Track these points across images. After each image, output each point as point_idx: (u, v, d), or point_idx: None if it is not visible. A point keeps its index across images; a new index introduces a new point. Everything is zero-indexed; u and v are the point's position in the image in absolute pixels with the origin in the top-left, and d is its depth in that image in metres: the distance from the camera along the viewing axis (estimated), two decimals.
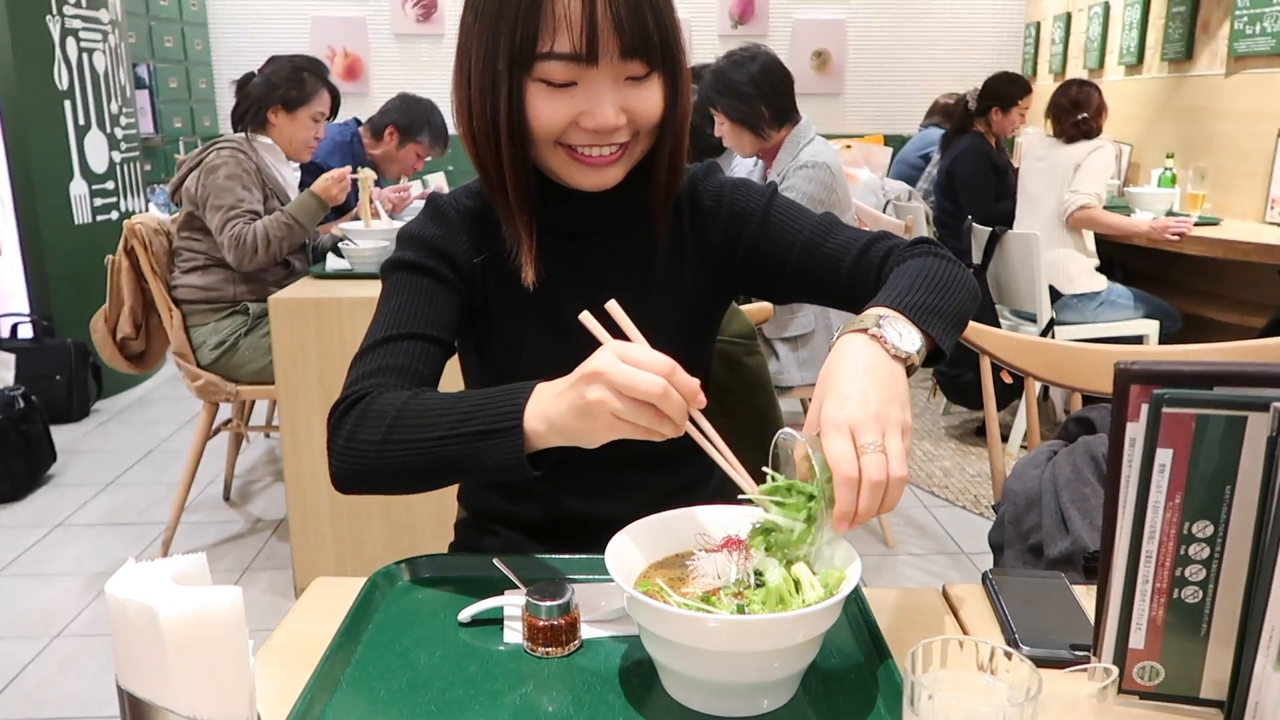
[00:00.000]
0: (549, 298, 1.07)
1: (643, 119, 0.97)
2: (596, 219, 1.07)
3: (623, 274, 1.08)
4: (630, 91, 0.95)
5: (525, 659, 0.83)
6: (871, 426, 0.76)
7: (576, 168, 0.99)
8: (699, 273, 1.11)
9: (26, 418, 3.33)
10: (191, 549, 2.80)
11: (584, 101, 0.94)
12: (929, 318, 0.88)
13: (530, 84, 0.94)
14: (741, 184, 1.12)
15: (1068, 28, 5.99)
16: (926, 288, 0.91)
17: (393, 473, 0.92)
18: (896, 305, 0.88)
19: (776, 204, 1.09)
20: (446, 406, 0.90)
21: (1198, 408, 0.69)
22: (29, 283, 4.13)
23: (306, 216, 2.71)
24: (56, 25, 3.99)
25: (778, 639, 0.71)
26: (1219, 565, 0.72)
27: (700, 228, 1.11)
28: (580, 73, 0.93)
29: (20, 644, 2.37)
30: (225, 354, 2.75)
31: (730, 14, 6.64)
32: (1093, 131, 3.51)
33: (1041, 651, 0.82)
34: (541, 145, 0.98)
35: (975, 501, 3.21)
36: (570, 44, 0.91)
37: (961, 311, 0.94)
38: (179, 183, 2.75)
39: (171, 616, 0.59)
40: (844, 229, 1.07)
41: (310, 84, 2.83)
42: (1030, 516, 1.26)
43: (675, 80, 0.99)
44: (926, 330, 0.87)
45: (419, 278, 1.04)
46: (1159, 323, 3.55)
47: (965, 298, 0.96)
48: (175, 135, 6.01)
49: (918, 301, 0.89)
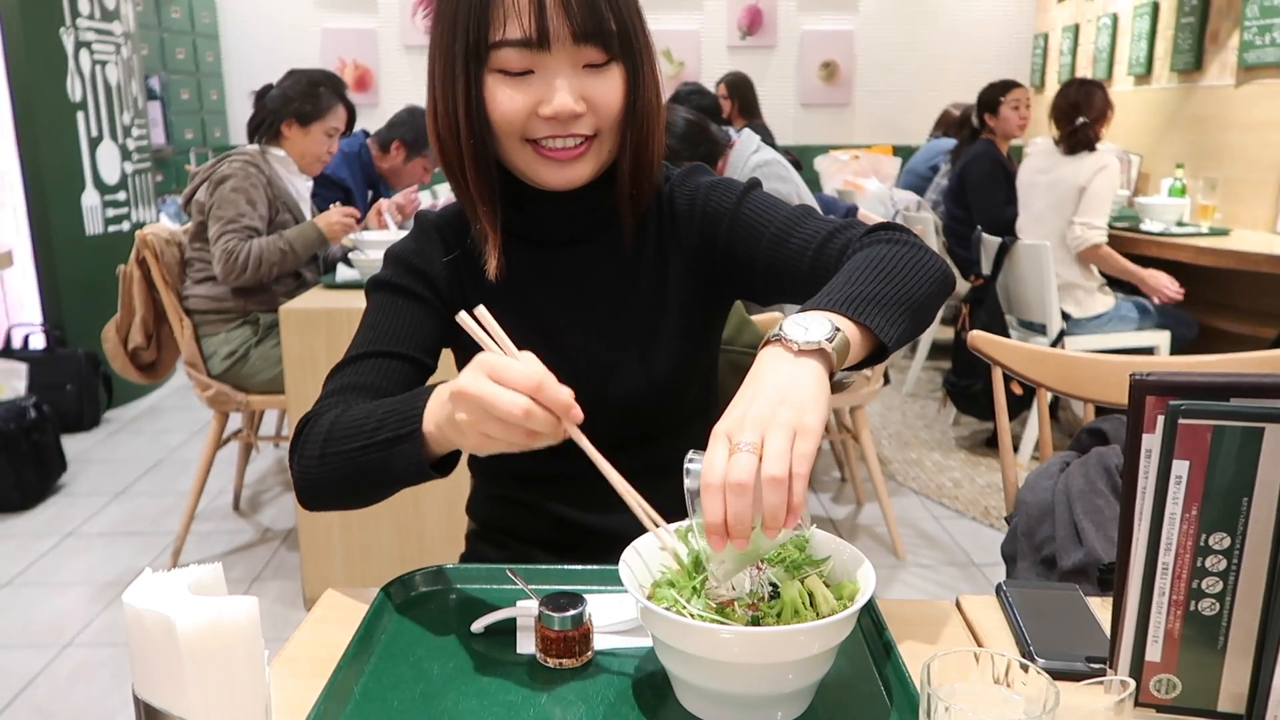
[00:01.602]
0: (532, 309, 1.07)
1: (603, 109, 0.96)
2: (577, 227, 1.07)
3: (605, 283, 1.08)
4: (589, 80, 0.95)
5: (539, 670, 0.83)
6: (747, 428, 0.71)
7: (542, 163, 0.98)
8: (684, 279, 1.09)
9: (38, 427, 3.35)
10: (201, 559, 2.79)
11: (541, 89, 0.94)
12: (865, 307, 0.83)
13: (488, 76, 0.94)
14: (720, 184, 1.09)
15: (1076, 38, 6.00)
16: (867, 278, 0.87)
17: (333, 486, 0.94)
18: (825, 304, 0.84)
19: (748, 200, 1.06)
20: (365, 416, 0.91)
21: (1214, 419, 0.69)
22: (41, 293, 4.16)
23: (303, 246, 2.72)
24: (70, 38, 4.03)
25: (792, 651, 0.71)
26: (1236, 577, 0.72)
27: (679, 233, 1.09)
28: (535, 59, 0.93)
29: (31, 653, 2.38)
30: (236, 364, 2.76)
31: (739, 25, 6.66)
32: (1092, 140, 3.45)
33: (1057, 664, 0.81)
34: (506, 141, 0.98)
35: (986, 513, 3.20)
36: (521, 29, 0.91)
37: (912, 296, 0.88)
38: (191, 193, 2.77)
39: (188, 627, 0.59)
40: (812, 220, 1.02)
41: (325, 99, 2.84)
42: (1043, 528, 1.26)
43: (637, 73, 0.98)
44: (861, 321, 0.83)
45: (395, 297, 1.06)
46: (1170, 333, 3.53)
47: (920, 281, 0.90)
48: (186, 146, 6.05)
49: (854, 293, 0.84)
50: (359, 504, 0.97)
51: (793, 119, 6.76)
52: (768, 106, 4.71)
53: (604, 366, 1.07)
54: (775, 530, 0.70)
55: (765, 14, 6.64)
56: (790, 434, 0.71)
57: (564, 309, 1.08)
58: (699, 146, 2.65)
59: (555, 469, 0.87)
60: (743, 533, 0.69)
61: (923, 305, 0.90)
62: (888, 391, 4.49)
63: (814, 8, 6.69)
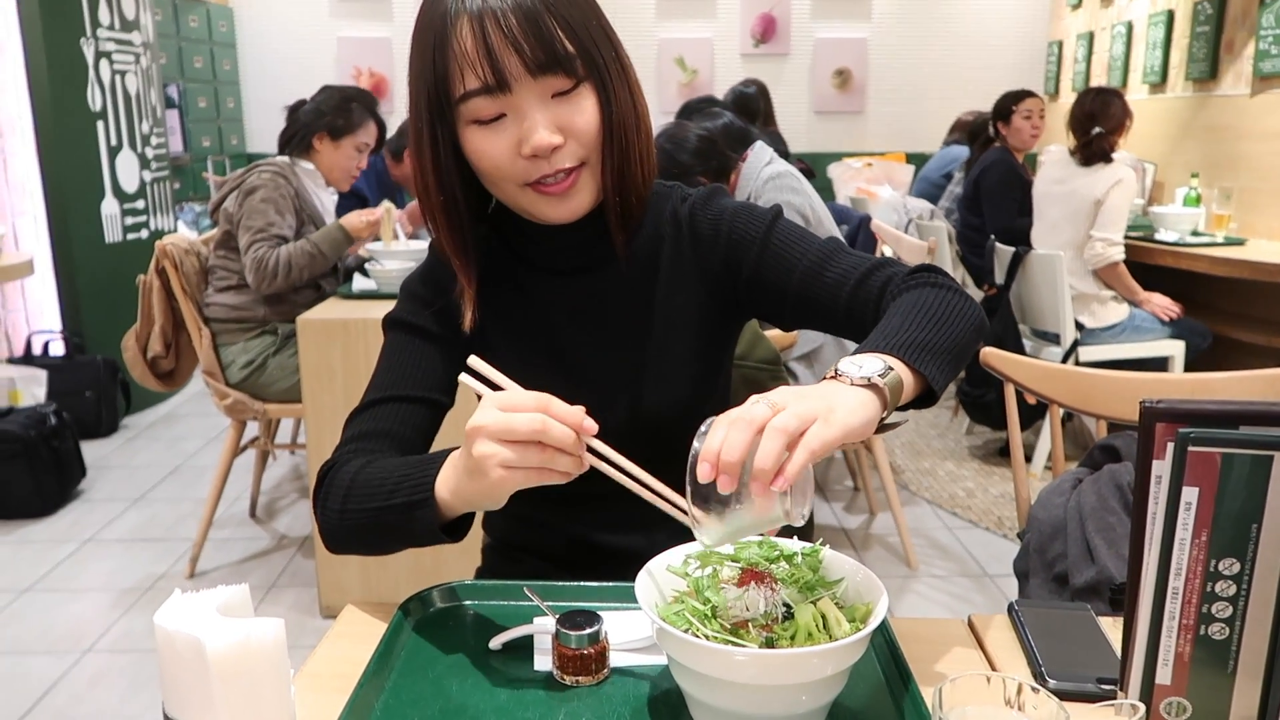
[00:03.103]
0: (552, 338, 1.08)
1: (580, 133, 0.96)
2: (590, 256, 1.07)
3: (622, 308, 1.08)
4: (560, 109, 0.95)
5: (555, 687, 0.84)
6: (775, 396, 0.75)
7: (544, 201, 0.99)
8: (702, 302, 1.10)
9: (58, 434, 3.38)
10: (217, 565, 2.81)
11: (515, 130, 0.94)
12: (918, 354, 0.87)
13: (465, 130, 0.96)
14: (743, 209, 1.10)
15: (1090, 46, 5.99)
16: (919, 324, 0.90)
17: (353, 538, 0.98)
18: (880, 347, 0.87)
19: (778, 229, 1.07)
20: (384, 476, 0.94)
21: (1223, 447, 0.70)
22: (61, 300, 4.21)
23: (330, 247, 2.75)
24: (91, 48, 4.08)
25: (806, 673, 0.72)
26: (1246, 602, 0.72)
27: (701, 256, 1.09)
28: (502, 103, 0.94)
29: (50, 659, 2.41)
30: (254, 373, 2.79)
31: (752, 33, 6.67)
32: (1107, 151, 3.44)
33: (1068, 685, 0.82)
34: (505, 189, 0.99)
35: (999, 523, 3.20)
36: (478, 78, 0.92)
37: (958, 344, 0.92)
38: (219, 201, 2.81)
39: (218, 648, 0.61)
40: (846, 255, 1.05)
41: (358, 114, 2.89)
42: (1055, 545, 1.27)
43: (607, 89, 0.97)
44: (915, 367, 0.86)
45: (410, 337, 1.08)
46: (1185, 343, 3.52)
47: (963, 329, 0.94)
48: (204, 154, 6.10)
49: (908, 339, 0.88)
50: (381, 553, 1.00)
51: (806, 127, 6.76)
52: (780, 114, 4.72)
53: (622, 390, 1.08)
54: (761, 483, 0.71)
55: (779, 22, 6.66)
56: (813, 415, 0.74)
57: (582, 334, 1.09)
58: (711, 161, 2.66)
59: (574, 490, 0.88)
60: (730, 468, 0.72)
61: (965, 352, 0.94)
62: None
63: (827, 15, 6.70)
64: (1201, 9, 4.60)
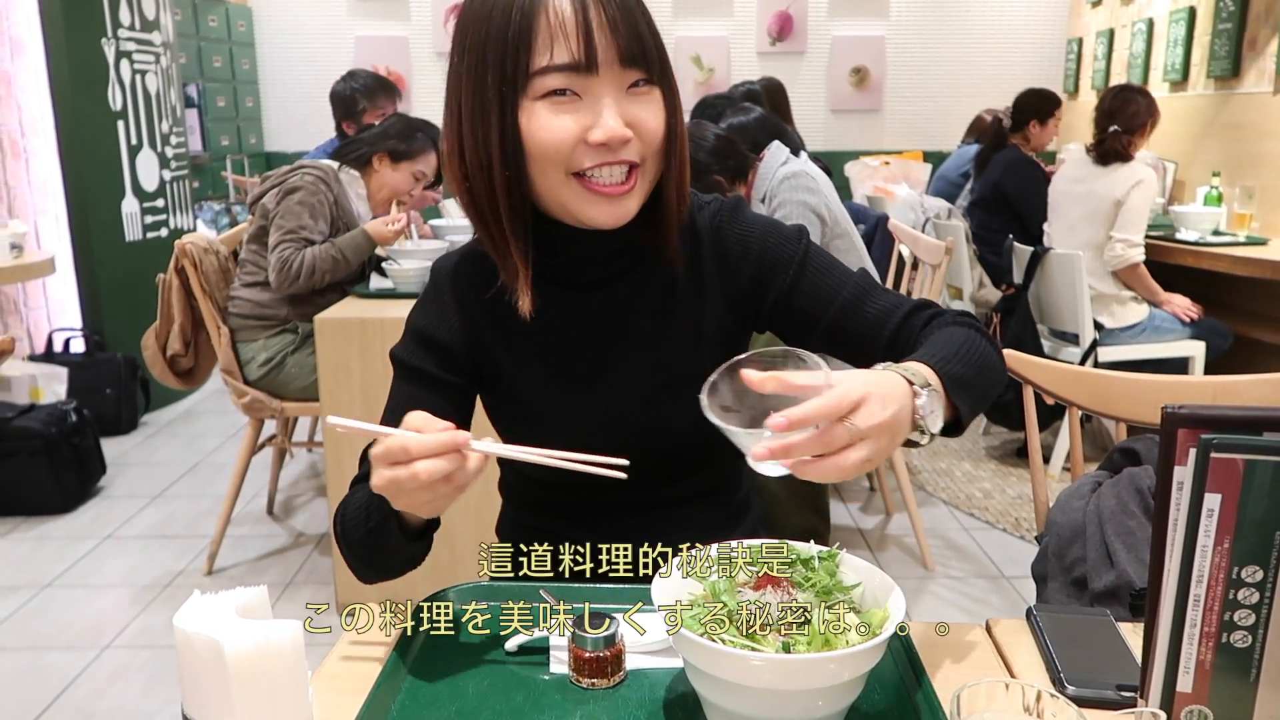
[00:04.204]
0: (561, 352, 1.06)
1: (648, 133, 0.94)
2: (610, 269, 1.05)
3: (638, 325, 1.06)
4: (633, 103, 0.93)
5: (571, 690, 0.84)
6: (873, 418, 0.77)
7: (591, 200, 0.95)
8: (721, 317, 1.08)
9: (78, 431, 3.41)
10: (235, 563, 2.82)
11: (589, 114, 0.91)
12: (960, 392, 0.89)
13: (529, 105, 0.91)
14: (771, 229, 1.08)
15: (1110, 44, 5.94)
16: (965, 360, 0.92)
17: (365, 567, 1.03)
18: (939, 368, 0.89)
19: (812, 256, 1.07)
20: (360, 505, 0.98)
21: (1246, 453, 0.69)
22: (81, 298, 4.24)
23: (353, 252, 2.78)
24: (111, 48, 4.11)
25: (822, 678, 0.72)
26: (1269, 610, 0.72)
27: (726, 271, 1.07)
28: (582, 83, 0.91)
29: (70, 655, 2.43)
30: (272, 371, 2.81)
31: (769, 31, 6.65)
32: (1122, 150, 3.40)
33: (1088, 692, 0.82)
34: (550, 176, 0.94)
35: (1016, 524, 3.18)
36: (569, 53, 0.89)
37: (989, 393, 0.96)
38: (259, 196, 2.83)
39: (236, 650, 0.61)
40: (884, 292, 1.06)
41: (420, 142, 2.95)
42: (1074, 549, 1.26)
43: (674, 97, 0.97)
44: (955, 403, 0.89)
45: (412, 382, 1.06)
46: (1206, 343, 3.49)
47: (995, 380, 0.97)
48: (223, 153, 6.14)
49: (955, 372, 0.90)
50: (396, 573, 1.04)
51: (823, 125, 6.74)
52: (797, 113, 4.70)
53: (640, 406, 1.06)
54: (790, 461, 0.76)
55: (795, 20, 6.64)
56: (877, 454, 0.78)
57: (597, 351, 1.06)
58: (729, 160, 2.66)
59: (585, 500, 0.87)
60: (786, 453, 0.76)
61: (989, 400, 0.98)
62: None
63: (844, 13, 6.67)
64: (1223, 6, 4.55)
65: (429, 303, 1.09)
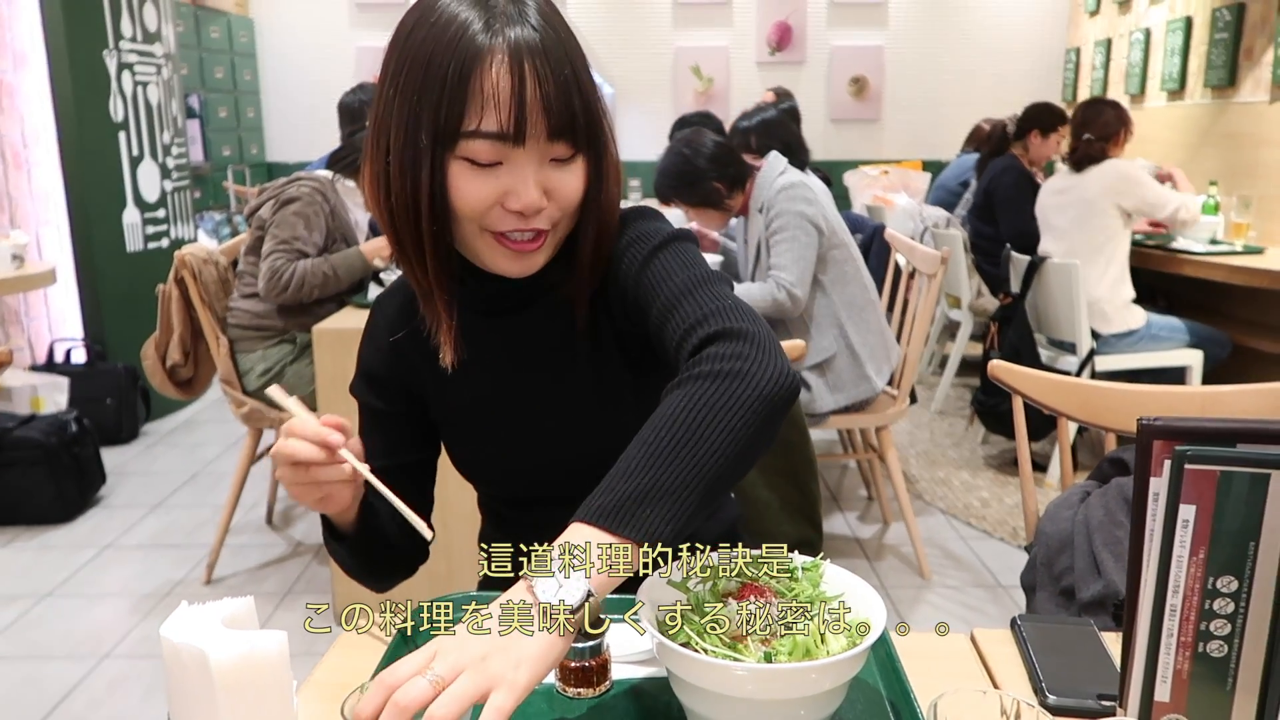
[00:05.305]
0: (481, 379, 1.06)
1: (564, 200, 0.94)
2: (519, 299, 1.05)
3: (550, 347, 1.05)
4: (553, 173, 0.92)
5: (557, 699, 0.85)
6: (450, 660, 0.67)
7: (502, 254, 0.95)
8: (619, 337, 1.04)
9: (79, 440, 3.42)
10: (234, 572, 2.82)
11: (508, 181, 0.90)
12: (641, 510, 0.76)
13: (453, 162, 0.90)
14: (638, 239, 1.01)
15: (1108, 53, 5.96)
16: (656, 457, 0.78)
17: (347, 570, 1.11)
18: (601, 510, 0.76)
19: (657, 260, 0.98)
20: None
21: (1220, 464, 0.70)
22: (83, 308, 4.26)
23: (346, 271, 2.79)
24: (113, 59, 4.13)
25: (804, 687, 0.73)
26: (1244, 620, 0.72)
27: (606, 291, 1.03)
28: (506, 152, 0.89)
29: (69, 664, 2.44)
30: (271, 381, 2.82)
31: (768, 41, 6.69)
32: (1101, 155, 3.46)
33: (1068, 701, 0.82)
34: (466, 229, 0.94)
35: (1013, 533, 3.18)
36: (498, 123, 0.87)
37: (707, 468, 0.78)
38: (257, 207, 2.85)
39: (221, 659, 0.62)
40: (697, 297, 0.92)
41: None
42: (1062, 559, 1.26)
43: (600, 163, 0.95)
44: (623, 535, 0.75)
45: (366, 417, 1.14)
46: (1204, 352, 3.50)
47: (726, 433, 0.79)
48: (224, 163, 6.17)
49: (630, 489, 0.77)
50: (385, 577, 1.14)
51: (822, 134, 6.77)
52: None
53: (557, 429, 1.07)
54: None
55: (795, 30, 6.67)
56: (484, 686, 0.66)
57: (511, 376, 1.07)
58: (728, 168, 2.67)
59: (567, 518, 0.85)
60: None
61: (729, 462, 0.79)
62: (915, 409, 4.47)
63: (843, 23, 6.71)
64: (1220, 16, 4.57)
65: (366, 338, 1.14)
